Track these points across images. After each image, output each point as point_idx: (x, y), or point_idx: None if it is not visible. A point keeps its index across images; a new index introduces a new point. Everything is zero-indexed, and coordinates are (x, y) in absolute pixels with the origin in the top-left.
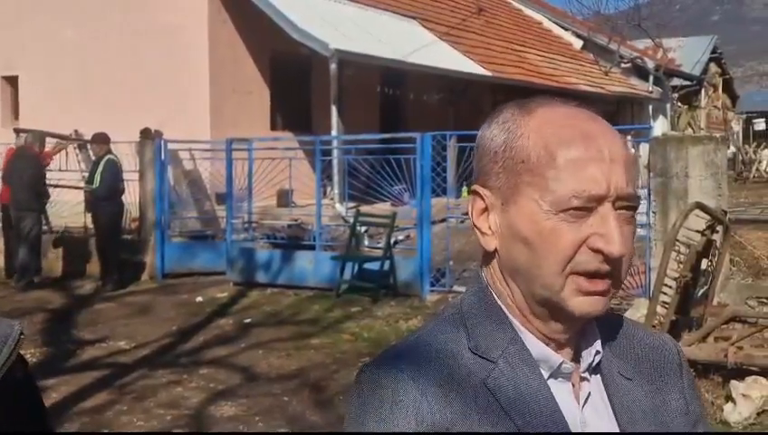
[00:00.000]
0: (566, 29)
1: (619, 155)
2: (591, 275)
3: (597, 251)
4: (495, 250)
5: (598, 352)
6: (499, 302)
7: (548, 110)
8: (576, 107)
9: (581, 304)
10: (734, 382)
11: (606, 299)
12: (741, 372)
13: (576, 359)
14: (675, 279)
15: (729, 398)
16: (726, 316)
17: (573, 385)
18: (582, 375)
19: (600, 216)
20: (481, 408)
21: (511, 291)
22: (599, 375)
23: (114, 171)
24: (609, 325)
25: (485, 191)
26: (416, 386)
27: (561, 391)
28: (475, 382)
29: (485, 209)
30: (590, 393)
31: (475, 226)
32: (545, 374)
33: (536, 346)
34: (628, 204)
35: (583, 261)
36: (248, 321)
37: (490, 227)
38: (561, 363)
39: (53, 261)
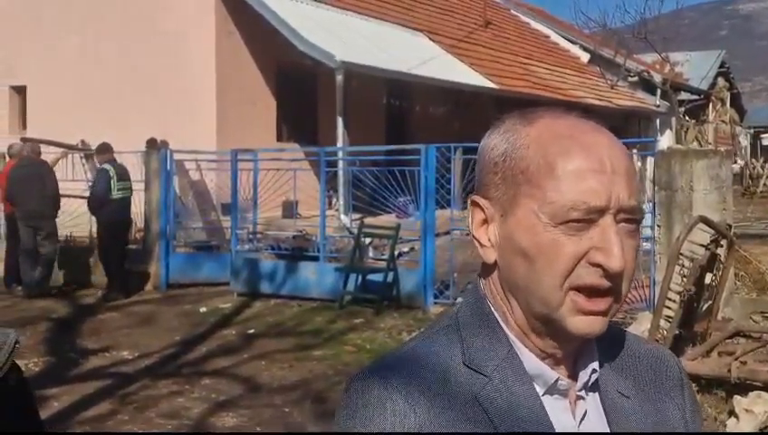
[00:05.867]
0: (573, 42)
1: (621, 167)
2: (591, 293)
3: (596, 265)
4: (495, 263)
5: (594, 371)
6: (496, 314)
7: (550, 120)
8: (579, 117)
9: (579, 323)
10: (737, 397)
11: (605, 319)
12: (744, 387)
13: (573, 375)
14: (678, 293)
15: (732, 413)
16: (730, 331)
17: (571, 403)
18: (579, 394)
19: (601, 229)
20: (470, 422)
21: (510, 305)
22: (596, 393)
23: (102, 181)
24: (608, 340)
25: (485, 202)
26: (404, 398)
27: (556, 408)
28: (466, 396)
29: (485, 221)
30: (586, 411)
31: (474, 237)
32: (540, 390)
33: (531, 361)
34: (630, 217)
35: (583, 274)
36: (251, 331)
37: (489, 239)
38: (556, 380)
39: (57, 271)
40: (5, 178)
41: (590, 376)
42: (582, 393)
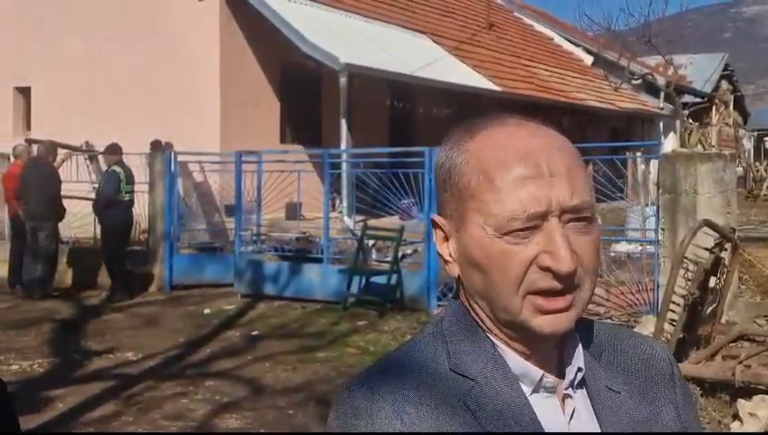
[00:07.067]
0: (577, 45)
1: (560, 168)
2: (548, 294)
3: (546, 269)
4: (459, 276)
5: (580, 369)
6: (477, 320)
7: (489, 131)
8: (520, 122)
9: (542, 322)
10: (741, 401)
11: (569, 315)
12: (748, 391)
13: (560, 375)
14: (683, 297)
15: (736, 417)
16: (734, 335)
17: (560, 401)
18: (566, 392)
19: (546, 233)
20: (459, 426)
21: (478, 315)
22: (584, 389)
23: (111, 182)
24: (595, 336)
25: (442, 220)
26: (391, 406)
27: (545, 406)
28: (454, 401)
29: (446, 238)
30: (575, 409)
31: (438, 254)
32: (527, 389)
33: (516, 361)
34: (577, 215)
35: (535, 280)
36: (255, 333)
37: (451, 255)
38: (542, 377)
39: (64, 272)
40: (13, 179)
41: (575, 374)
42: (570, 391)
